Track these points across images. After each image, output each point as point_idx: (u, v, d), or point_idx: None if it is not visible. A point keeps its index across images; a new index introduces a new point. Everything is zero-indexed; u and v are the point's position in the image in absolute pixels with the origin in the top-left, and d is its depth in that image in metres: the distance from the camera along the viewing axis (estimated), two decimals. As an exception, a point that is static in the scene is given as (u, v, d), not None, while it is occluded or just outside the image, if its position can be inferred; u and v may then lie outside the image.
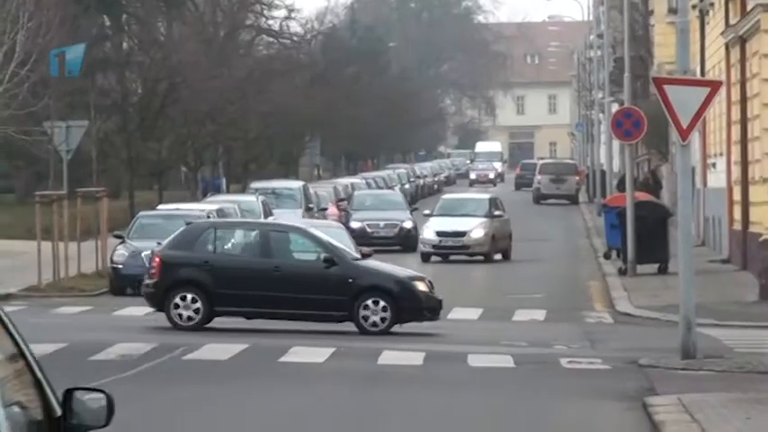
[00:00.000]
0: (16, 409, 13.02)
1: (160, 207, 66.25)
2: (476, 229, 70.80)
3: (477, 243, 71.62)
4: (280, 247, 38.15)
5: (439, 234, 72.15)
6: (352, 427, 25.33)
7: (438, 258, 72.59)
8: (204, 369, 32.08)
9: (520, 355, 34.21)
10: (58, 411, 12.11)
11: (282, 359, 33.43)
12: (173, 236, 45.73)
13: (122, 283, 53.49)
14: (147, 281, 42.94)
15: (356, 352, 35.48)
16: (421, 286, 40.85)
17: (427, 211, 76.55)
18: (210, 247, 43.29)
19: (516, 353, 34.61)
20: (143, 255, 53.43)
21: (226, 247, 43.64)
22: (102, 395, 10.98)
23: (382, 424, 25.22)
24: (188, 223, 47.27)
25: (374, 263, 43.38)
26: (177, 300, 41.25)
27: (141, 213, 62.24)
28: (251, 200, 67.55)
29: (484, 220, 70.09)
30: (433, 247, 73.42)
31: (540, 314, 47.02)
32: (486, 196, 74.49)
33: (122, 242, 55.79)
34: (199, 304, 40.88)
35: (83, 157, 65.12)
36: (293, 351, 33.74)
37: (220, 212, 58.38)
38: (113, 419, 18.28)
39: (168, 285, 41.67)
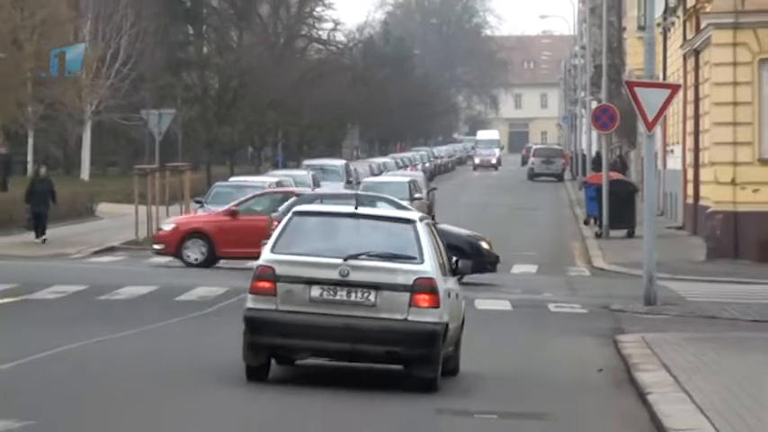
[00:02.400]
0: None
1: (231, 179, 66.15)
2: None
3: None
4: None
5: None
6: None
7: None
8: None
9: (516, 301, 34.16)
10: None
11: None
12: (285, 204, 45.25)
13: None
14: (265, 241, 42.19)
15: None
16: (484, 245, 40.23)
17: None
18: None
19: (513, 299, 34.54)
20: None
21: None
22: None
23: None
24: (298, 195, 47.25)
25: (445, 225, 42.76)
26: None
27: (217, 184, 62.11)
28: (304, 174, 67.37)
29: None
30: None
31: (532, 268, 46.95)
32: (406, 179, 66.66)
33: (201, 206, 55.69)
34: None
35: (171, 138, 65.16)
36: None
37: (279, 184, 58.18)
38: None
39: None
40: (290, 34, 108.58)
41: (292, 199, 46.80)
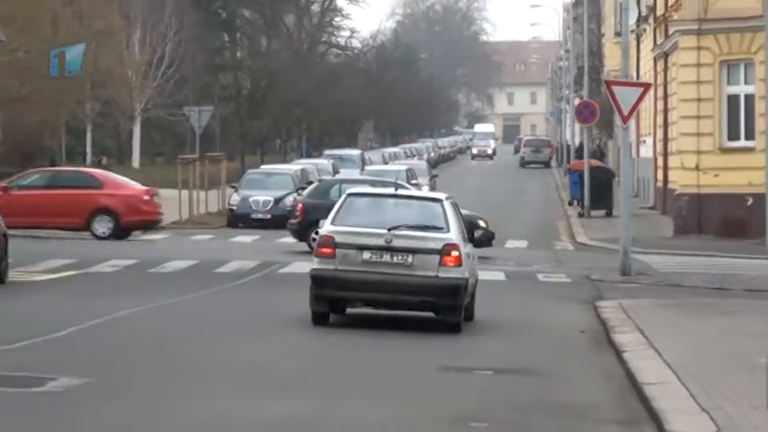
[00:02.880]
0: None
1: (262, 167, 66.17)
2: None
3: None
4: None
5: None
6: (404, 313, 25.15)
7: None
8: (288, 281, 31.86)
9: (509, 272, 34.21)
10: None
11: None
12: (309, 189, 45.91)
13: (236, 220, 53.30)
14: (293, 221, 42.64)
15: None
16: (482, 223, 39.27)
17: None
18: (336, 196, 42.87)
19: (507, 270, 34.57)
20: (250, 200, 53.63)
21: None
22: None
23: (413, 319, 25.00)
24: (320, 180, 47.37)
25: None
26: (313, 233, 40.61)
27: (249, 171, 62.17)
28: (324, 162, 67.44)
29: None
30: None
31: (523, 243, 46.90)
32: (404, 168, 64.20)
33: (236, 191, 55.80)
34: None
35: (209, 131, 65.07)
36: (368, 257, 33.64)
37: (303, 172, 58.25)
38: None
39: (309, 223, 41.00)
40: (312, 41, 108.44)
41: (315, 183, 46.91)
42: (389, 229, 24.38)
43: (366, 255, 24.50)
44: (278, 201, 52.03)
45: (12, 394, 15.45)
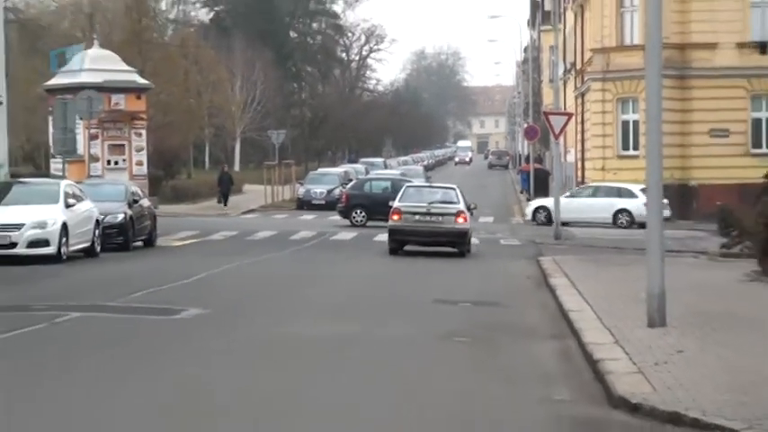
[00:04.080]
0: None
1: (319, 170, 66.14)
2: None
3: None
4: (397, 188, 37.83)
5: None
6: (419, 258, 25.82)
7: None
8: (336, 245, 32.16)
9: (481, 238, 33.94)
10: None
11: (375, 239, 33.44)
12: (351, 184, 46.38)
13: (301, 204, 52.79)
14: (340, 205, 42.82)
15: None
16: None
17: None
18: (368, 188, 43.17)
19: (479, 237, 34.23)
20: (311, 191, 53.58)
21: (375, 189, 42.96)
22: None
23: (418, 272, 24.72)
24: (358, 178, 47.94)
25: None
26: (354, 213, 40.91)
27: (311, 172, 62.00)
28: (360, 167, 67.21)
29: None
30: None
31: (490, 219, 46.61)
32: (398, 172, 57.91)
33: (302, 185, 55.86)
34: (363, 215, 40.62)
35: (285, 146, 64.93)
36: (377, 238, 33.51)
37: (346, 173, 58.16)
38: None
39: (351, 206, 41.27)
40: (351, 86, 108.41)
41: (354, 181, 47.01)
42: (429, 203, 29.10)
43: (416, 217, 28.76)
44: (329, 192, 51.99)
45: (158, 320, 15.69)
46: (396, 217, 28.89)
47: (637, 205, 40.47)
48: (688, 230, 35.33)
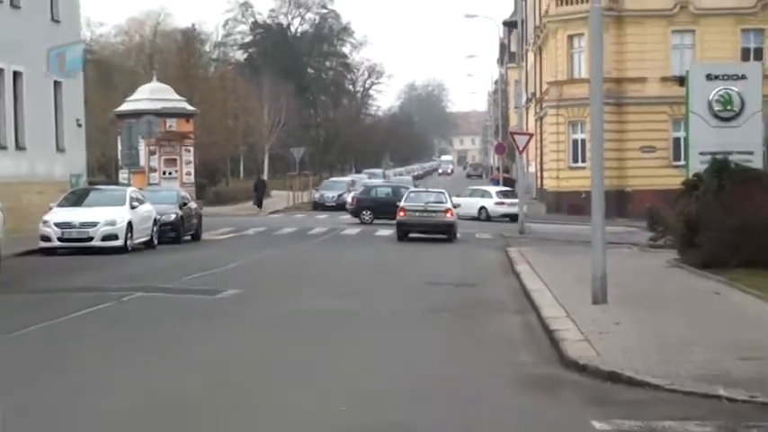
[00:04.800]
0: None
1: (331, 179, 66.01)
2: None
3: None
4: (397, 194, 37.75)
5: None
6: (412, 249, 25.06)
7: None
8: (345, 238, 31.71)
9: (460, 232, 33.16)
10: None
11: (376, 234, 33.34)
12: (359, 189, 45.53)
13: (316, 206, 52.10)
14: (351, 207, 42.19)
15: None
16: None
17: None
18: (374, 194, 41.92)
19: (459, 232, 34.10)
20: (324, 195, 53.18)
21: (380, 194, 41.67)
22: None
23: (411, 261, 24.72)
24: (365, 185, 47.12)
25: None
26: (363, 213, 39.96)
27: (324, 181, 61.96)
28: (365, 176, 67.18)
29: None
30: None
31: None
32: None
33: (317, 191, 55.80)
34: (370, 214, 39.52)
35: (304, 160, 64.43)
36: (378, 233, 33.56)
37: (353, 181, 57.92)
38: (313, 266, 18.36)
39: (360, 208, 40.32)
40: (357, 112, 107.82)
41: (362, 188, 46.70)
42: (425, 203, 30.71)
43: (417, 213, 30.25)
44: (339, 196, 51.76)
45: (204, 298, 15.66)
46: (402, 213, 30.55)
47: (491, 203, 45.27)
48: (624, 227, 35.25)
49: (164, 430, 7.61)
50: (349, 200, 44.65)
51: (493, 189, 48.29)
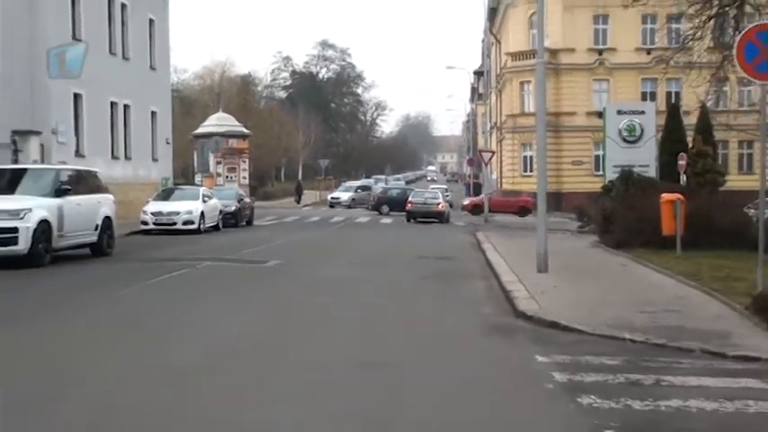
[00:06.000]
0: None
1: (347, 183, 65.61)
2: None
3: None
4: (407, 194, 37.03)
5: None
6: (407, 232, 24.66)
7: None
8: (357, 226, 31.23)
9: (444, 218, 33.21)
10: None
11: (381, 222, 33.10)
12: (379, 191, 44.02)
13: (331, 203, 49.78)
14: (372, 203, 40.89)
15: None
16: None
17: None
18: (390, 194, 40.70)
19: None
20: (340, 196, 51.02)
21: (394, 194, 40.30)
22: None
23: (406, 241, 24.28)
24: (383, 187, 45.75)
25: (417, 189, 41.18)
26: (382, 207, 38.67)
27: (343, 184, 61.62)
28: (371, 181, 66.23)
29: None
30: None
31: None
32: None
33: (335, 191, 55.08)
34: (388, 208, 38.13)
35: (327, 168, 64.21)
36: (382, 221, 33.39)
37: (363, 185, 56.74)
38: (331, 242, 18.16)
39: (380, 204, 39.12)
40: (367, 135, 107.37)
41: (381, 188, 45.61)
42: (424, 198, 32.07)
43: (418, 205, 31.33)
44: (352, 197, 51.17)
45: (255, 266, 15.50)
46: (409, 205, 32.48)
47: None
48: (559, 218, 35.22)
49: (239, 354, 7.64)
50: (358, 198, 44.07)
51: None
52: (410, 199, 33.43)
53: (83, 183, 16.62)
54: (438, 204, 32.66)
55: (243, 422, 5.30)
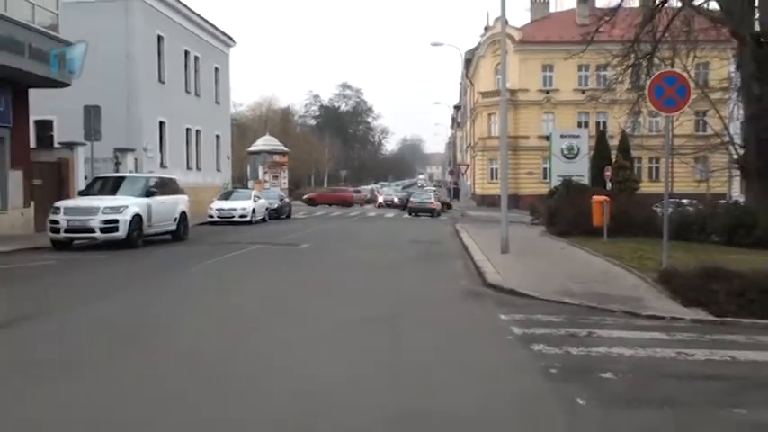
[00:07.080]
0: None
1: (360, 187, 64.77)
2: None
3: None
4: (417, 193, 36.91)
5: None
6: (405, 223, 23.98)
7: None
8: (368, 219, 30.82)
9: (430, 216, 32.36)
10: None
11: (385, 216, 32.52)
12: (404, 192, 42.90)
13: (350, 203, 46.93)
14: (399, 203, 39.42)
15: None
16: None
17: None
18: (412, 197, 37.02)
19: (429, 216, 33.07)
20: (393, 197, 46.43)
21: (414, 198, 36.20)
22: None
23: (404, 229, 23.79)
24: (408, 191, 44.75)
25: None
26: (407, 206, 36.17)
27: (359, 187, 60.52)
28: (378, 186, 65.32)
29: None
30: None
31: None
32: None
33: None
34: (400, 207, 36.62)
35: (346, 178, 62.87)
36: (386, 215, 33.01)
37: (372, 189, 55.75)
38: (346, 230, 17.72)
39: (406, 203, 35.88)
40: (375, 152, 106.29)
41: (407, 194, 44.13)
42: (421, 198, 31.45)
43: (417, 203, 30.57)
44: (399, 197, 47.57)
45: (292, 248, 15.37)
46: (411, 203, 32.35)
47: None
48: (517, 214, 34.94)
49: (275, 309, 7.77)
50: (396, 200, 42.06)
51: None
52: (411, 199, 33.72)
53: (165, 187, 16.94)
54: (431, 203, 32.54)
55: (271, 346, 6.04)
